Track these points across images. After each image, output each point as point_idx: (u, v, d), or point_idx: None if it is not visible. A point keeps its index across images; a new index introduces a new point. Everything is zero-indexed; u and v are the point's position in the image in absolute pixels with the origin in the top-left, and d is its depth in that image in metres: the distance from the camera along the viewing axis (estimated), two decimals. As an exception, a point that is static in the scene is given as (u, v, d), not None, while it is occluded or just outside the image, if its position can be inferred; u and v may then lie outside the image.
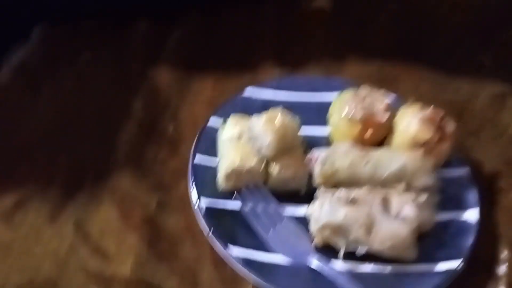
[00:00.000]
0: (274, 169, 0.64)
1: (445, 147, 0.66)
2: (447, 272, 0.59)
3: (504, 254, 0.65)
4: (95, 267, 0.61)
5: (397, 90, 0.83)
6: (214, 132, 0.70)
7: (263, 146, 0.64)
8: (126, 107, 0.78)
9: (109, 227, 0.64)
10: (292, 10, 0.92)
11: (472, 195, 0.66)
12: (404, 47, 0.88)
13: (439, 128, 0.66)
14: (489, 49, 0.89)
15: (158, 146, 0.73)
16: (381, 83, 0.79)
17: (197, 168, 0.66)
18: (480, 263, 0.63)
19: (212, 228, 0.61)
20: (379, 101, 0.69)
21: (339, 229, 0.59)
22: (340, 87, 0.73)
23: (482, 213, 0.65)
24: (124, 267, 0.60)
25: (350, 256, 0.60)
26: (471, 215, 0.65)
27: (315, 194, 0.64)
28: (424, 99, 0.73)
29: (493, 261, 0.64)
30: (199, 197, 0.63)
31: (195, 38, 0.88)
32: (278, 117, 0.64)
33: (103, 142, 0.73)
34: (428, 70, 0.87)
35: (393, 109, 0.69)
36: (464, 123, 0.67)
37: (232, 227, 0.62)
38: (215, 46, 0.87)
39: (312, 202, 0.62)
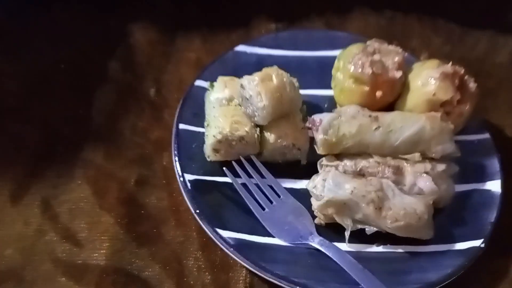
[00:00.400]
0: (270, 137, 0.55)
1: (467, 109, 0.57)
2: (468, 252, 0.52)
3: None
4: (65, 254, 0.53)
5: (408, 45, 0.74)
6: (201, 96, 0.61)
7: (256, 111, 0.55)
8: (102, 69, 0.68)
9: (81, 207, 0.56)
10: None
11: (494, 163, 0.58)
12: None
13: (460, 87, 0.57)
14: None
15: (138, 113, 0.64)
16: (390, 38, 0.69)
17: (182, 138, 0.58)
18: (504, 242, 0.55)
19: (199, 207, 0.53)
20: (391, 56, 0.59)
21: (345, 207, 0.51)
22: (344, 43, 0.63)
23: (505, 184, 0.57)
24: (98, 254, 0.53)
25: (357, 236, 0.52)
26: (493, 186, 0.57)
27: (317, 166, 0.56)
28: (437, 56, 0.64)
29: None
30: (184, 171, 0.55)
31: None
32: (273, 76, 0.55)
33: (76, 109, 0.64)
34: (442, 23, 0.77)
35: (406, 66, 0.60)
36: (481, 82, 0.59)
37: (223, 205, 0.54)
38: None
39: (313, 175, 0.54)
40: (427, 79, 0.57)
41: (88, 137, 0.61)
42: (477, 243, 0.52)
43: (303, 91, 0.59)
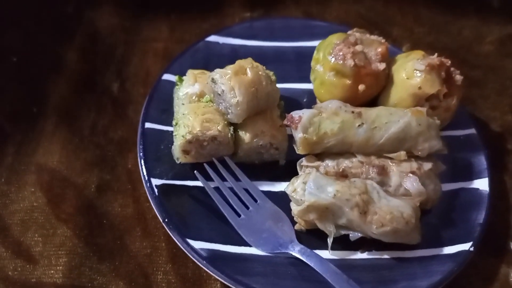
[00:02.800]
0: (245, 136, 0.51)
1: (453, 103, 0.53)
2: (457, 256, 0.49)
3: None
4: (17, 272, 0.47)
5: (390, 35, 0.70)
6: (169, 91, 0.56)
7: (230, 107, 0.50)
8: (58, 60, 0.62)
9: (34, 218, 0.50)
10: None
11: (481, 161, 0.55)
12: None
13: (446, 79, 0.54)
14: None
15: (99, 110, 0.58)
16: (371, 28, 0.66)
17: (148, 138, 0.52)
18: (493, 242, 0.53)
19: (168, 215, 0.48)
20: (373, 47, 0.55)
21: (328, 211, 0.47)
22: (324, 33, 0.59)
23: (492, 182, 0.54)
24: (54, 271, 0.47)
25: (341, 243, 0.48)
26: (481, 184, 0.54)
27: (296, 167, 0.51)
28: (420, 46, 0.61)
29: (507, 239, 0.54)
30: (151, 175, 0.50)
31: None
32: (248, 69, 0.50)
33: (27, 105, 0.57)
34: (425, 12, 0.74)
35: (389, 58, 0.56)
36: (466, 73, 0.55)
37: (194, 212, 0.49)
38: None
39: (292, 178, 0.50)
40: (412, 72, 0.53)
41: (41, 137, 0.55)
42: (466, 246, 0.49)
43: (280, 85, 0.54)
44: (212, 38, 0.62)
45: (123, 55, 0.64)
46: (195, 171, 0.49)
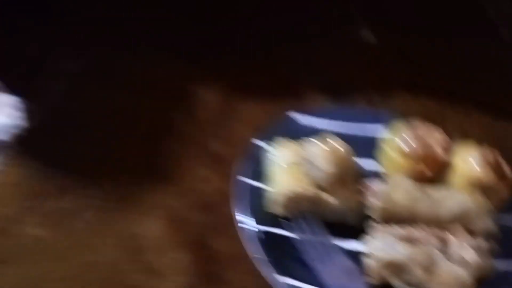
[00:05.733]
0: (331, 199, 0.62)
1: (505, 191, 0.64)
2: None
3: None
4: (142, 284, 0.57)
5: (443, 128, 0.82)
6: (260, 153, 0.68)
7: (320, 175, 0.61)
8: (167, 121, 0.75)
9: (157, 242, 0.61)
10: (340, 42, 0.91)
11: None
12: (452, 84, 0.87)
13: (497, 170, 0.64)
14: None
15: (201, 163, 0.71)
16: (426, 119, 0.77)
17: (243, 190, 0.64)
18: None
19: (259, 254, 0.57)
20: (436, 137, 0.67)
21: (399, 268, 0.56)
22: (387, 120, 0.71)
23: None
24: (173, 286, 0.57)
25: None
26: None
27: (366, 229, 0.61)
28: (471, 138, 0.71)
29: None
30: (246, 220, 0.60)
31: (240, 61, 0.86)
32: (338, 147, 0.62)
33: (145, 156, 0.70)
34: (476, 109, 0.85)
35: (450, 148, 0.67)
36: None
37: (282, 255, 0.59)
38: (262, 70, 0.85)
39: (362, 236, 0.60)
40: (468, 163, 0.64)
41: (156, 181, 0.67)
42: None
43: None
44: (294, 114, 0.74)
45: (219, 121, 0.77)
46: (284, 222, 0.60)
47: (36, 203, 0.64)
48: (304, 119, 0.74)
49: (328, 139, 0.63)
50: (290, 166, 0.64)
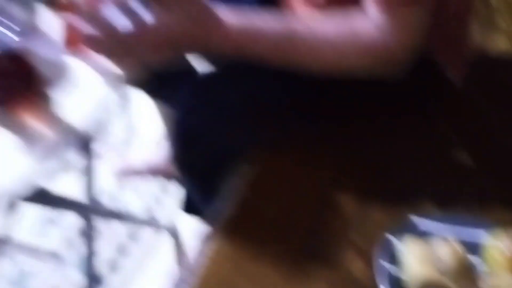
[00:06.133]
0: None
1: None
2: None
3: None
4: None
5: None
6: (392, 246, 0.92)
7: (447, 270, 0.85)
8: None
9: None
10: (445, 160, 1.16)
11: None
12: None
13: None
14: None
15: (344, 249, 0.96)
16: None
17: (382, 274, 0.87)
18: None
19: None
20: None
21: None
22: (489, 227, 0.92)
23: None
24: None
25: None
26: None
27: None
28: None
29: None
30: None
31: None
32: (460, 250, 0.87)
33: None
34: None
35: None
36: None
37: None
38: (382, 175, 1.12)
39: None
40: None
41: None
42: None
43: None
44: (414, 218, 0.97)
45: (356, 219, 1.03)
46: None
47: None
48: (423, 223, 0.98)
49: (451, 242, 0.87)
50: (423, 259, 0.87)
